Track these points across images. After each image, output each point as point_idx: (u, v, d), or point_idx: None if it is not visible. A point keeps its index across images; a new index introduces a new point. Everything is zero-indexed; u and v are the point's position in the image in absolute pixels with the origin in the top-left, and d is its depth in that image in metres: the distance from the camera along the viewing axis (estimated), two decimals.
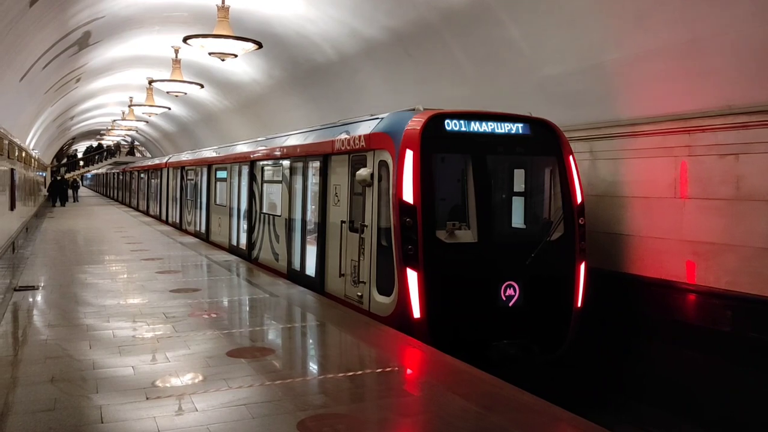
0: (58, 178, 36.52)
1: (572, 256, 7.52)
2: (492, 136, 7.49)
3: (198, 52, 11.09)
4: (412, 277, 6.79)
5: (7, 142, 10.52)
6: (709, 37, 6.43)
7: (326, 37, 12.33)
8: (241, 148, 14.26)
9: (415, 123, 7.17)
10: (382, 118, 7.81)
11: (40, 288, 9.03)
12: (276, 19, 12.15)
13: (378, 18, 10.63)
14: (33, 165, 20.71)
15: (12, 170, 11.60)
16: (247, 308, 8.11)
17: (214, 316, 7.38)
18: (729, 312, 7.01)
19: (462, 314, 7.01)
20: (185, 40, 10.22)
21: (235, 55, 10.58)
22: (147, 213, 27.13)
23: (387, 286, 7.15)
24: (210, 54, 10.44)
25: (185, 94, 16.67)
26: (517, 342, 7.12)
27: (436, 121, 7.27)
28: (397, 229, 6.91)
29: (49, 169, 37.58)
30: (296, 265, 10.09)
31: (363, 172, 7.59)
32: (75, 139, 52.18)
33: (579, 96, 8.48)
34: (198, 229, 17.55)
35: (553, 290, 7.48)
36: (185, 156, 21.46)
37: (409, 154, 6.93)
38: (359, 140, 7.95)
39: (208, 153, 18.02)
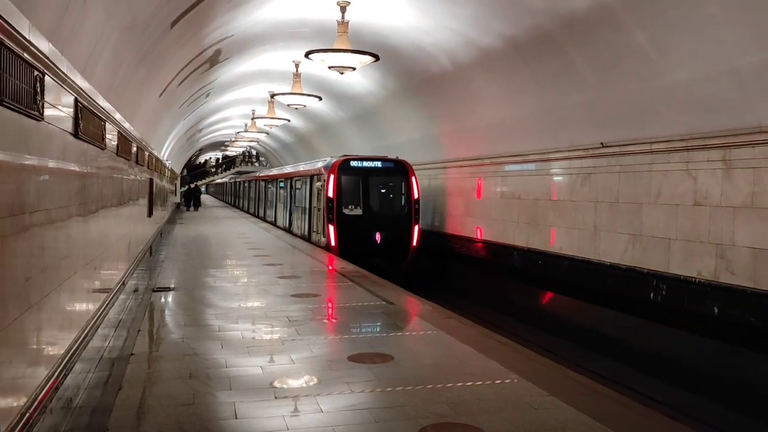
0: (192, 186, 41.76)
1: (410, 222, 15.88)
2: (373, 167, 16.22)
3: (317, 65, 11.49)
4: (331, 228, 15.51)
5: (147, 153, 11.40)
6: None
7: (441, 47, 12.40)
8: (288, 170, 24.45)
9: (335, 162, 16.06)
10: (327, 159, 16.99)
11: (174, 289, 9.70)
12: (391, 31, 12.38)
13: (494, 26, 10.56)
14: (167, 174, 22.29)
15: (151, 180, 12.55)
16: (365, 314, 8.29)
17: (334, 321, 7.62)
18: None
19: (354, 245, 15.25)
20: (307, 54, 10.65)
21: (354, 68, 10.88)
22: (247, 211, 36.96)
23: (324, 234, 15.87)
24: (330, 68, 10.80)
25: (305, 106, 17.30)
26: (381, 258, 15.23)
27: (346, 161, 16.18)
28: (326, 208, 15.68)
29: (179, 178, 40.53)
30: (302, 230, 19.09)
31: (318, 184, 16.88)
32: (202, 150, 55.58)
33: (710, 101, 8.00)
34: (272, 220, 26.50)
35: (401, 238, 15.80)
36: (265, 173, 32.84)
37: (331, 176, 15.69)
38: (318, 169, 17.02)
39: (275, 171, 28.48)
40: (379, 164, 16.30)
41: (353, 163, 16.15)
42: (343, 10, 10.31)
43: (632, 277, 9.39)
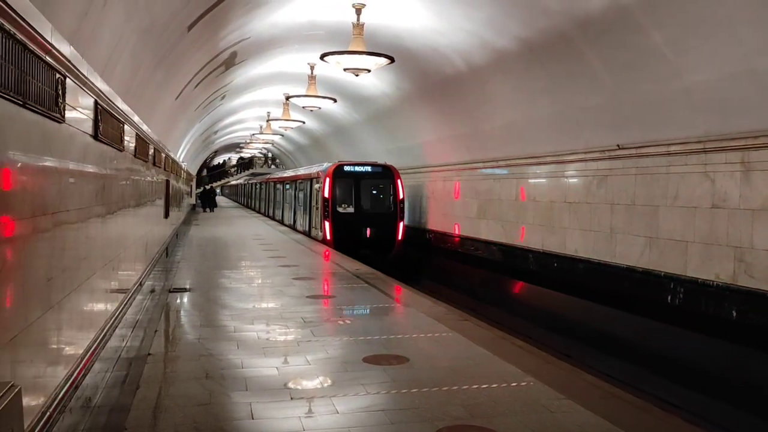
0: (207, 188, 43.12)
1: (396, 219, 18.21)
2: (364, 172, 18.58)
3: (332, 67, 11.52)
4: (327, 224, 17.85)
5: (163, 155, 11.49)
6: None
7: (456, 49, 12.39)
8: (291, 173, 27.82)
9: (331, 167, 18.47)
10: (324, 165, 19.80)
11: (190, 290, 9.76)
12: (407, 33, 12.39)
13: (510, 28, 10.54)
14: (182, 176, 22.45)
15: (167, 181, 12.64)
16: (380, 316, 8.30)
17: (349, 322, 7.63)
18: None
19: (347, 239, 17.54)
20: (322, 57, 10.67)
21: (369, 70, 10.89)
22: (258, 211, 39.43)
23: (321, 229, 18.16)
24: (345, 70, 10.82)
25: (319, 108, 17.34)
26: (370, 250, 17.44)
27: (339, 166, 18.51)
28: (322, 207, 18.08)
29: (194, 180, 40.90)
30: (304, 226, 21.61)
31: (316, 185, 19.25)
32: (217, 152, 55.90)
33: (729, 103, 7.93)
34: (279, 218, 29.13)
35: (387, 232, 18.10)
36: (274, 175, 36.35)
37: (327, 179, 18.03)
38: (317, 173, 19.74)
39: (281, 174, 32.53)
40: (368, 169, 18.73)
41: (346, 168, 18.55)
42: (358, 12, 10.33)
43: (649, 280, 9.32)
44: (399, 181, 18.39)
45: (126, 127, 6.09)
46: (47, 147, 3.27)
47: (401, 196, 18.35)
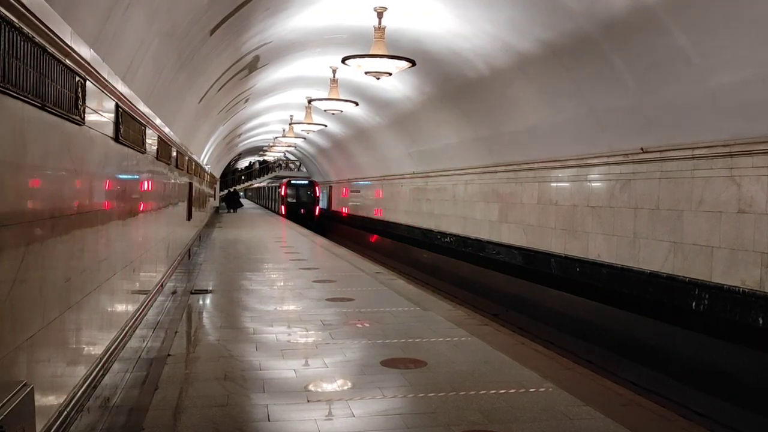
0: (231, 190, 48.56)
1: (315, 205, 38.59)
2: (300, 183, 40.67)
3: (353, 71, 11.52)
4: (282, 207, 39.90)
5: (186, 158, 11.61)
6: None
7: (478, 52, 12.32)
8: (273, 183, 50.86)
9: (285, 181, 41.71)
10: (284, 179, 43.86)
11: (211, 292, 9.83)
12: (428, 37, 12.36)
13: (533, 31, 10.45)
14: (206, 179, 22.66)
15: (190, 184, 12.76)
16: (399, 319, 8.26)
17: (368, 325, 7.61)
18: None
19: (291, 214, 37.60)
20: (344, 60, 10.68)
21: (390, 74, 10.88)
22: (262, 205, 59.65)
23: (279, 209, 41.28)
24: (366, 73, 10.81)
25: (341, 111, 17.36)
26: (303, 220, 35.30)
27: (289, 180, 41.65)
28: (280, 198, 41.19)
29: (218, 183, 41.66)
30: (273, 208, 46.82)
31: (279, 189, 42.26)
32: (241, 155, 56.32)
33: (756, 106, 7.76)
34: (270, 208, 47.45)
35: (311, 211, 38.07)
36: (271, 184, 52.72)
37: (283, 186, 40.35)
38: (280, 184, 42.88)
39: (272, 183, 51.15)
40: (302, 181, 39.72)
41: (293, 181, 39.62)
42: (379, 16, 10.34)
43: (673, 286, 9.17)
44: (317, 186, 38.14)
45: (148, 129, 6.15)
46: (67, 149, 3.30)
47: (318, 195, 37.89)
